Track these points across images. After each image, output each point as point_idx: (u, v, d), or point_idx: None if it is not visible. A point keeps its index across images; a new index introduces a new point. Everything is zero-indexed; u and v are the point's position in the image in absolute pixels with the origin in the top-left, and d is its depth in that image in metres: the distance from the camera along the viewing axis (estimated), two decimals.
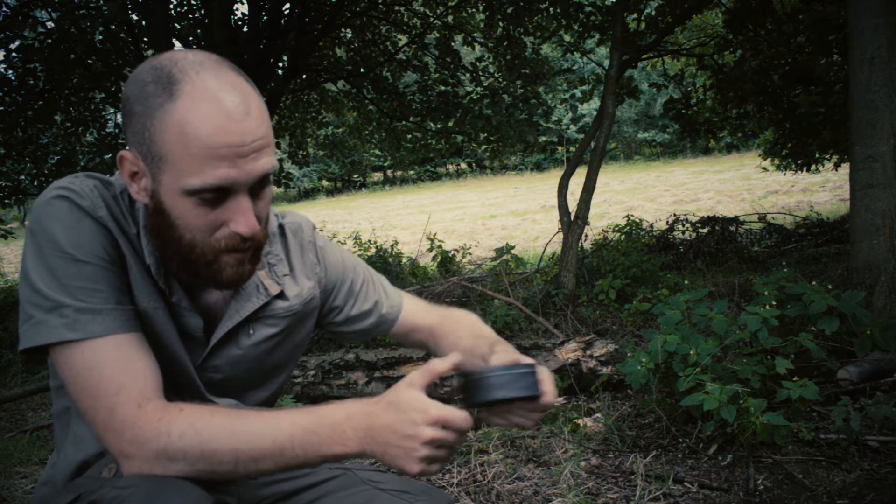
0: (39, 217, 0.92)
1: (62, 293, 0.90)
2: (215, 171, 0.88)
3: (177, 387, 1.03)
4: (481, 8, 8.29)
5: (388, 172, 40.44)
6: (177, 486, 0.86)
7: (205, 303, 1.07)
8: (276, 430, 0.89)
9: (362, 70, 8.76)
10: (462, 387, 0.99)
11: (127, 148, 0.95)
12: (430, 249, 6.77)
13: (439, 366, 0.92)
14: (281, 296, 1.11)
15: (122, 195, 1.00)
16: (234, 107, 0.88)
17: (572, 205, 5.79)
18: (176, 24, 7.60)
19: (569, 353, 3.60)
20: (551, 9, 7.39)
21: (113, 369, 0.90)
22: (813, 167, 9.76)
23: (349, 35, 9.35)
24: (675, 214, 7.95)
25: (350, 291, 1.23)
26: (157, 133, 0.88)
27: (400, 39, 9.44)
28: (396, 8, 8.89)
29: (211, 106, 0.87)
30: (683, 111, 8.56)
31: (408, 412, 0.88)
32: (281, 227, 1.18)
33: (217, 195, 0.91)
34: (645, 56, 7.40)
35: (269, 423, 0.90)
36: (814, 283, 3.06)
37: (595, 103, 21.71)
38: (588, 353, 3.60)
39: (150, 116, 0.88)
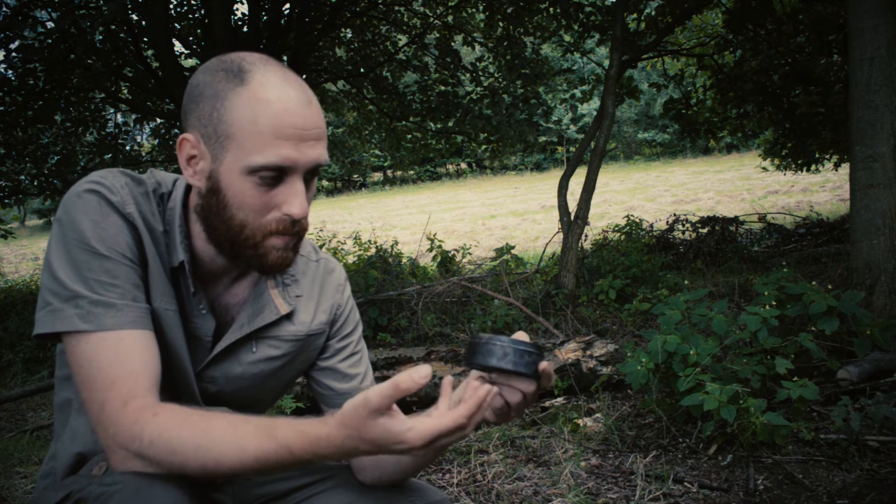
0: (68, 208, 0.95)
1: (80, 284, 0.93)
2: (279, 150, 0.93)
3: (175, 391, 1.04)
4: (481, 8, 8.29)
5: (388, 172, 40.46)
6: (163, 484, 0.86)
7: (219, 309, 1.08)
8: (242, 453, 0.87)
9: (362, 70, 8.76)
10: (468, 347, 0.99)
11: (187, 133, 0.99)
12: (430, 249, 6.77)
13: (403, 383, 0.80)
14: (290, 318, 1.12)
15: (153, 193, 1.03)
16: (298, 95, 0.96)
17: (572, 205, 5.79)
18: (176, 24, 7.61)
19: (569, 353, 3.60)
20: (551, 9, 7.40)
21: (111, 364, 0.92)
22: (813, 167, 9.76)
23: (349, 35, 9.35)
24: (675, 214, 7.94)
25: (346, 348, 1.22)
26: (228, 113, 0.94)
27: (400, 39, 9.44)
28: (396, 8, 8.89)
29: (279, 91, 0.94)
30: (683, 111, 8.56)
31: (387, 445, 0.84)
32: (309, 256, 1.20)
33: (275, 175, 0.95)
34: (645, 56, 7.41)
35: (236, 443, 0.87)
36: (814, 283, 3.06)
37: (595, 103, 21.72)
38: (588, 353, 3.60)
39: (221, 98, 0.95)
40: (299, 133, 0.94)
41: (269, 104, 0.93)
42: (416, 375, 0.80)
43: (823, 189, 14.85)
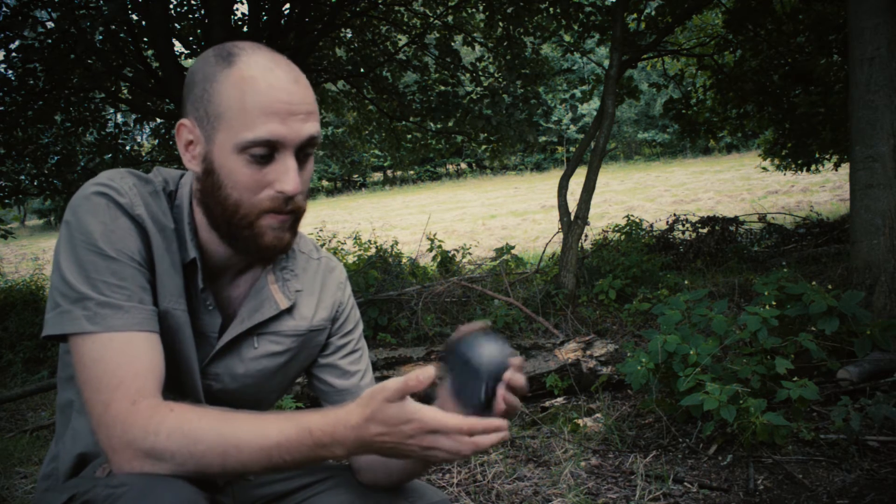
0: (77, 210, 0.96)
1: (88, 286, 0.93)
2: (267, 125, 0.95)
3: (180, 390, 1.04)
4: (481, 8, 8.29)
5: (388, 172, 40.44)
6: (170, 485, 0.86)
7: (223, 304, 1.09)
8: (263, 438, 0.88)
9: (362, 70, 8.76)
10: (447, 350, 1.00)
11: (184, 118, 1.02)
12: (430, 249, 6.76)
13: (411, 381, 0.87)
14: (291, 313, 1.12)
15: (162, 191, 1.04)
16: (285, 74, 0.98)
17: (572, 205, 5.79)
18: (176, 24, 7.60)
19: (569, 353, 3.60)
20: (551, 9, 7.40)
21: (118, 364, 0.92)
22: (813, 167, 9.75)
23: (349, 35, 9.34)
24: (675, 214, 7.94)
25: (347, 345, 1.22)
26: (217, 93, 0.97)
27: (400, 39, 9.43)
28: (396, 8, 8.89)
29: (265, 70, 0.97)
30: (683, 111, 8.55)
31: (399, 426, 0.87)
32: (311, 254, 1.20)
33: (266, 152, 0.96)
34: (645, 56, 7.41)
35: (257, 429, 0.89)
36: (814, 283, 3.06)
37: (595, 103, 21.72)
38: (588, 353, 3.60)
39: (210, 80, 0.98)
40: (287, 108, 0.96)
41: (255, 82, 0.95)
42: (421, 376, 0.86)
43: (823, 189, 14.84)
